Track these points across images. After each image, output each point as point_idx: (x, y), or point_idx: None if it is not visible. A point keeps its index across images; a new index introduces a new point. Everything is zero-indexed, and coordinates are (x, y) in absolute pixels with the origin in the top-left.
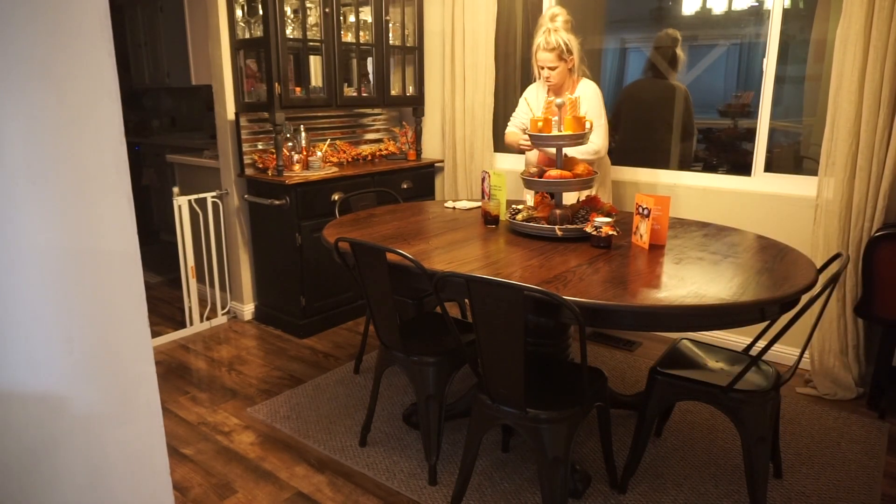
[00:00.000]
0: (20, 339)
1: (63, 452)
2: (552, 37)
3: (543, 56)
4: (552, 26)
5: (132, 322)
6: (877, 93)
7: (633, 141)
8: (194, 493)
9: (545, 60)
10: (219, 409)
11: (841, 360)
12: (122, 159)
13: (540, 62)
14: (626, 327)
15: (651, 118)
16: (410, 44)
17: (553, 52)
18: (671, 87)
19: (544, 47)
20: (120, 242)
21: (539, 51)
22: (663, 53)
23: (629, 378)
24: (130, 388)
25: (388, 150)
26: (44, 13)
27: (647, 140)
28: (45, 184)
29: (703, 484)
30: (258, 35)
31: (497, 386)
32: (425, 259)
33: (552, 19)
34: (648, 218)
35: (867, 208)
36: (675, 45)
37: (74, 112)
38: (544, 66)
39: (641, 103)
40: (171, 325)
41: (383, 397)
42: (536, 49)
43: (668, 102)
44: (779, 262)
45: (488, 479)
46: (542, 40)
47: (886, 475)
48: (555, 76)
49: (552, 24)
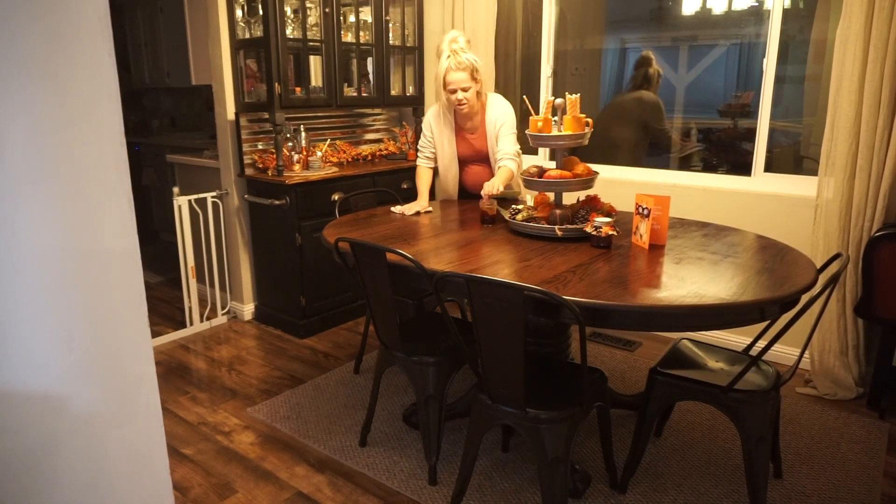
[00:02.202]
0: (20, 339)
1: (63, 452)
2: (461, 56)
3: (456, 77)
4: (457, 47)
5: (132, 322)
6: (877, 93)
7: (609, 141)
8: (194, 493)
9: (458, 81)
10: (219, 409)
11: (841, 360)
12: (122, 159)
13: (452, 85)
14: (626, 327)
15: (627, 124)
16: (410, 44)
17: (465, 70)
18: (643, 99)
19: (455, 67)
20: (120, 242)
21: (449, 73)
22: (642, 72)
23: (629, 378)
24: (130, 388)
25: (388, 150)
26: (44, 13)
27: (621, 141)
28: (45, 184)
29: (703, 484)
30: (258, 35)
31: (497, 386)
32: (425, 259)
33: (454, 41)
34: (648, 218)
35: (867, 208)
36: (649, 64)
37: (75, 112)
38: (457, 89)
39: (622, 112)
40: (171, 325)
41: (383, 397)
42: (446, 72)
43: (642, 112)
44: (779, 262)
45: (488, 479)
46: (451, 62)
47: (886, 475)
48: (469, 97)
49: (456, 45)
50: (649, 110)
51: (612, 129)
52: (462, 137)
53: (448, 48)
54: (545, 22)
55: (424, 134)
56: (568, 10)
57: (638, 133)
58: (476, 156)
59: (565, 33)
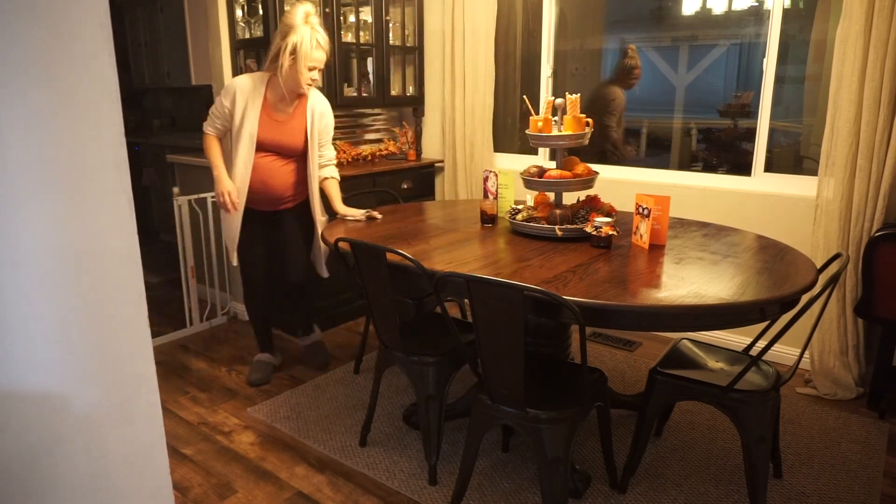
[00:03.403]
0: (20, 339)
1: (63, 452)
2: (323, 34)
3: (318, 55)
4: (315, 22)
5: (132, 322)
6: (877, 93)
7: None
8: (194, 493)
9: (319, 60)
10: (219, 409)
11: (841, 360)
12: (122, 159)
13: (314, 62)
14: (626, 327)
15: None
16: (410, 44)
17: (325, 51)
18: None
19: (319, 45)
20: (120, 242)
21: (313, 49)
22: (619, 65)
23: (629, 378)
24: (130, 388)
25: (388, 150)
26: (44, 13)
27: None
28: (46, 184)
29: (703, 484)
30: (258, 35)
31: (497, 386)
32: (425, 259)
33: (309, 16)
34: (648, 218)
35: (867, 208)
36: (624, 56)
37: (75, 112)
38: (315, 68)
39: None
40: (171, 325)
41: (383, 397)
42: (307, 50)
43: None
44: (779, 262)
45: (488, 479)
46: (317, 37)
47: (886, 475)
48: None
49: (314, 20)
50: (600, 102)
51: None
52: (268, 118)
53: (306, 20)
54: (545, 22)
55: (222, 102)
56: (568, 10)
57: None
58: (276, 145)
59: (565, 33)
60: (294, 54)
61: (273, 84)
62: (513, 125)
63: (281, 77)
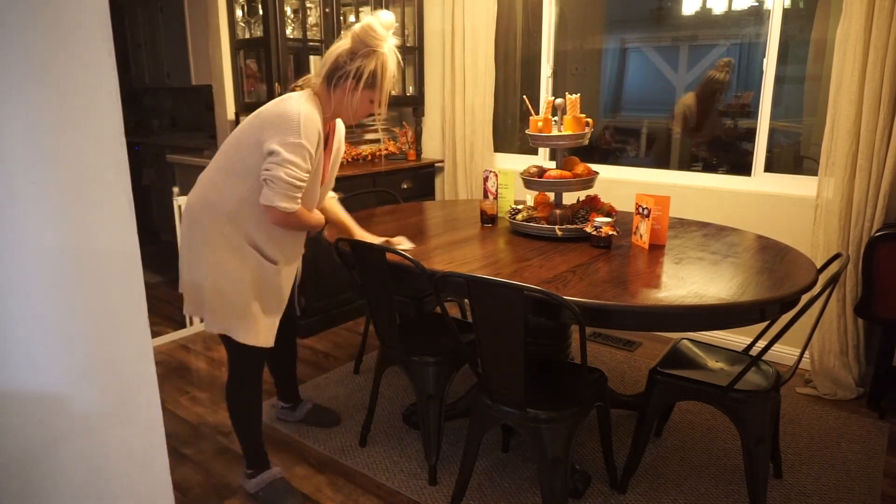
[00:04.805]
0: (20, 339)
1: (63, 452)
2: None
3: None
4: (395, 44)
5: (132, 322)
6: (877, 93)
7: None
8: (194, 493)
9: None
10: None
11: (841, 360)
12: (122, 159)
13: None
14: (627, 327)
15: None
16: (410, 44)
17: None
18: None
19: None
20: (120, 242)
21: (392, 77)
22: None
23: (629, 378)
24: (130, 388)
25: (388, 150)
26: (43, 13)
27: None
28: (45, 184)
29: (703, 484)
30: (258, 35)
31: (497, 386)
32: (425, 259)
33: (392, 34)
34: (648, 218)
35: (867, 208)
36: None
37: (74, 112)
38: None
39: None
40: (171, 325)
41: (383, 397)
42: (390, 79)
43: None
44: (779, 262)
45: (488, 479)
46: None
47: (886, 475)
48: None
49: (395, 41)
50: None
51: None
52: (325, 156)
53: (390, 37)
54: (545, 22)
55: (310, 152)
56: (568, 10)
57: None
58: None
59: (565, 33)
60: (373, 82)
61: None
62: (513, 125)
63: (340, 103)
